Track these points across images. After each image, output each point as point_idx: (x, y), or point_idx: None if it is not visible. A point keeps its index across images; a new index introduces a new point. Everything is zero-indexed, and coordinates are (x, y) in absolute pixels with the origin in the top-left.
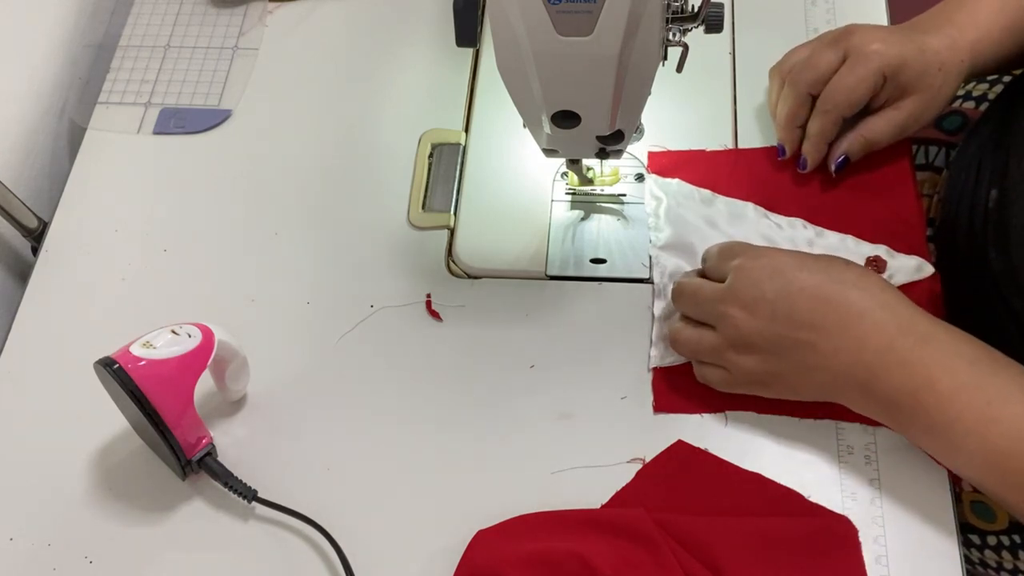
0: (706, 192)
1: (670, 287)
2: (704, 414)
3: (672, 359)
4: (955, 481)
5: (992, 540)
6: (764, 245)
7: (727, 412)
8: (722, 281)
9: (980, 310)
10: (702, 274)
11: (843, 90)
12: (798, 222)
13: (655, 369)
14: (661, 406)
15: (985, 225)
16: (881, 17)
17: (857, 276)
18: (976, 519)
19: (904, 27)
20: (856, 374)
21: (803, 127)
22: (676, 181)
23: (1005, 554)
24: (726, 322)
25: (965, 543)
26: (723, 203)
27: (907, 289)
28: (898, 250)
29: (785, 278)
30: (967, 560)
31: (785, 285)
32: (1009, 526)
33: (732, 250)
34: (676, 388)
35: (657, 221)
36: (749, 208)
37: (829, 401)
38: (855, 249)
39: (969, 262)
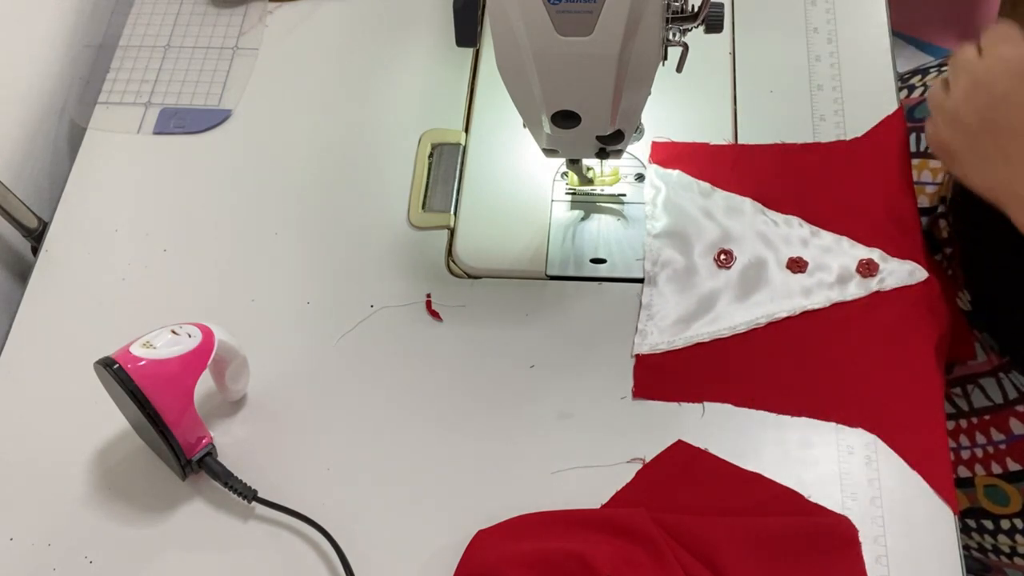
0: (705, 184)
1: (660, 275)
2: (698, 408)
3: (653, 346)
4: (969, 466)
5: (1005, 524)
6: None
7: (705, 404)
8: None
9: (1001, 265)
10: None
11: None
12: (794, 220)
13: (637, 356)
14: (641, 392)
15: None
16: (881, 17)
17: None
18: (990, 503)
19: None
20: None
21: None
22: (676, 172)
23: (1019, 537)
24: (952, 87)
25: (978, 529)
26: (721, 196)
27: (901, 292)
28: (892, 255)
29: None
30: (979, 548)
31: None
32: (1022, 509)
33: (1007, 35)
34: (656, 376)
35: (654, 210)
36: (747, 203)
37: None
38: (849, 251)
39: (987, 213)
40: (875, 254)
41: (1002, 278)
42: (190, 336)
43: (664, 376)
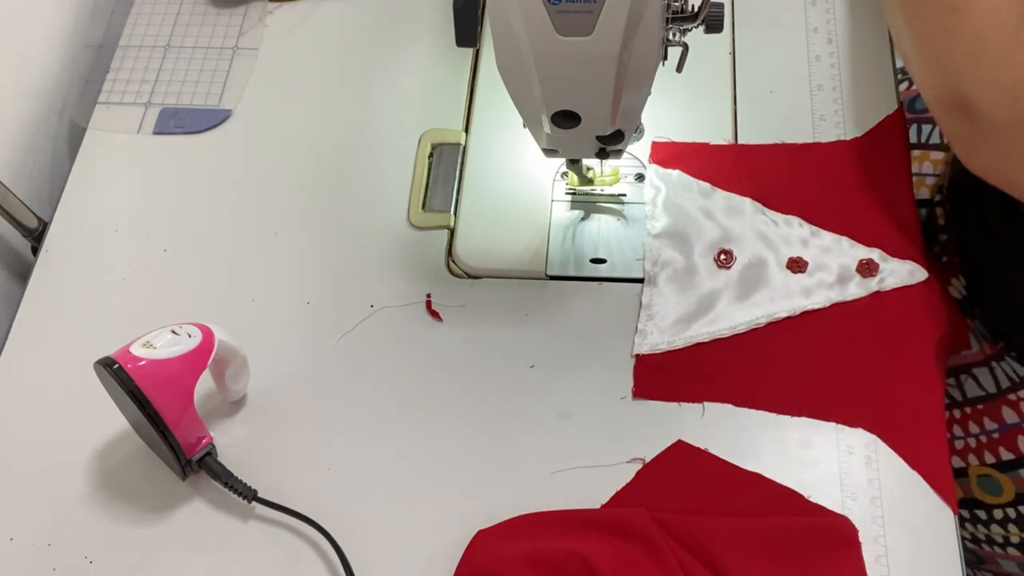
0: (705, 184)
1: (660, 275)
2: (698, 408)
3: (653, 346)
4: (962, 456)
5: (999, 514)
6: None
7: (705, 404)
8: None
9: (996, 248)
10: None
11: None
12: (794, 220)
13: (637, 356)
14: (641, 392)
15: None
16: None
17: None
18: (983, 493)
19: None
20: None
21: None
22: (676, 172)
23: (1011, 527)
24: None
25: (971, 520)
26: (721, 196)
27: (901, 292)
28: (892, 255)
29: None
30: (972, 539)
31: None
32: (1015, 498)
33: None
34: (656, 376)
35: (654, 210)
36: (747, 203)
37: None
38: (849, 251)
39: (982, 196)
40: (875, 254)
41: (997, 261)
42: (190, 336)
43: (664, 376)
